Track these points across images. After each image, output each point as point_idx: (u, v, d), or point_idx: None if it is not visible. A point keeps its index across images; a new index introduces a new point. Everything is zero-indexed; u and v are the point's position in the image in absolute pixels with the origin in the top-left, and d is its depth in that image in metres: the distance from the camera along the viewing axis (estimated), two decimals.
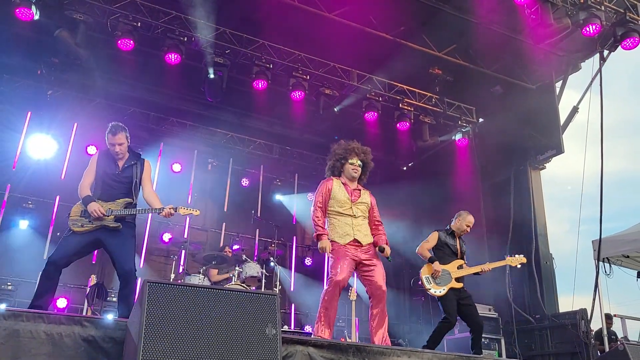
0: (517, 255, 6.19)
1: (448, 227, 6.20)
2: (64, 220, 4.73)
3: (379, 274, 4.73)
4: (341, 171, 5.04)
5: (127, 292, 4.49)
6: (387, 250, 4.85)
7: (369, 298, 4.77)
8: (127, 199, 4.72)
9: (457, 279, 5.84)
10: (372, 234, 4.97)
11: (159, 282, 2.89)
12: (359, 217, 4.88)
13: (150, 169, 4.98)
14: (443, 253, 5.97)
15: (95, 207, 4.51)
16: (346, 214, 4.84)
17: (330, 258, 4.80)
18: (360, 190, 5.02)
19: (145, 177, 4.88)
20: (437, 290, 5.76)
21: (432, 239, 6.05)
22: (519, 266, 6.27)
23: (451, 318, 5.72)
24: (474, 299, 6.06)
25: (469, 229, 6.11)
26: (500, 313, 8.88)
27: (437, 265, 5.81)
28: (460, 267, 5.94)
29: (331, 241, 4.81)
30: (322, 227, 4.84)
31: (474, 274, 5.98)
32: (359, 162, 5.01)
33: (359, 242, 4.78)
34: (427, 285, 5.81)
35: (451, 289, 5.78)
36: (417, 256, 6.16)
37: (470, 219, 6.14)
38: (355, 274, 4.92)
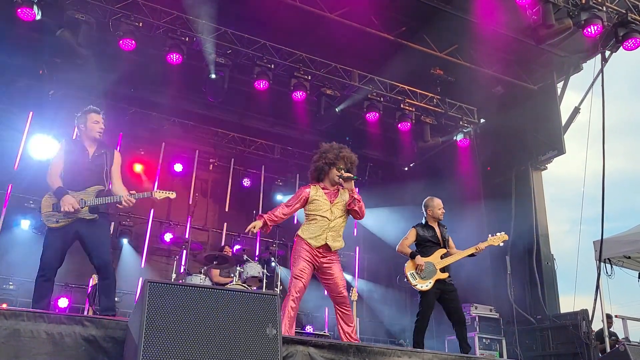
0: (498, 234, 6.07)
1: (423, 219, 6.11)
2: None
3: (339, 279, 4.71)
4: (326, 175, 4.93)
5: (108, 283, 4.41)
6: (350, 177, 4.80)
7: (333, 302, 4.76)
8: (98, 186, 4.57)
9: (442, 269, 5.77)
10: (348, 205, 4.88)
11: (159, 282, 2.89)
12: (337, 219, 4.80)
13: (119, 161, 4.83)
14: (425, 246, 5.90)
15: (70, 202, 4.35)
16: (324, 216, 4.77)
17: (293, 253, 4.80)
18: (338, 189, 4.93)
19: (115, 168, 4.74)
20: (423, 285, 5.70)
21: (411, 235, 5.99)
22: (501, 244, 6.14)
23: (426, 312, 5.67)
24: (475, 299, 6.03)
25: (442, 211, 6.01)
26: (501, 313, 8.88)
27: (419, 259, 5.74)
28: (443, 255, 5.86)
29: (300, 236, 4.78)
30: (268, 214, 4.80)
31: (470, 255, 5.88)
32: (345, 169, 4.90)
33: (328, 247, 4.72)
34: (413, 282, 5.74)
35: (437, 281, 5.72)
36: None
37: (437, 202, 6.04)
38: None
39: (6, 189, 9.57)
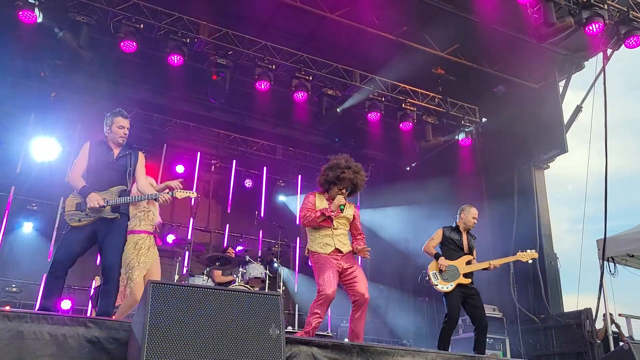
0: (528, 251, 6.09)
1: (454, 223, 6.16)
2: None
3: (362, 282, 4.72)
4: (328, 190, 5.00)
5: (110, 287, 4.40)
6: (364, 249, 4.87)
7: (352, 304, 4.75)
8: (121, 186, 4.60)
9: (465, 275, 5.80)
10: (352, 244, 4.97)
11: (162, 283, 2.90)
12: (339, 229, 4.88)
13: (143, 161, 4.89)
14: (449, 249, 5.92)
15: (96, 198, 4.37)
16: (326, 226, 4.85)
17: (315, 268, 4.78)
18: (344, 208, 4.92)
19: (140, 168, 4.80)
20: (445, 287, 5.73)
21: (437, 235, 6.03)
22: (530, 261, 6.20)
23: (453, 314, 5.68)
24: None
25: (475, 221, 6.05)
26: (504, 313, 8.86)
27: (442, 260, 5.79)
28: (469, 262, 5.89)
29: (313, 252, 4.83)
30: (317, 211, 4.82)
31: (483, 269, 5.93)
32: (347, 189, 4.93)
33: (340, 251, 4.79)
34: (435, 281, 5.77)
35: (459, 285, 5.75)
36: (421, 256, 6.16)
37: (474, 211, 6.08)
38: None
39: (9, 191, 9.58)
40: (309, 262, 4.98)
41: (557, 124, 9.60)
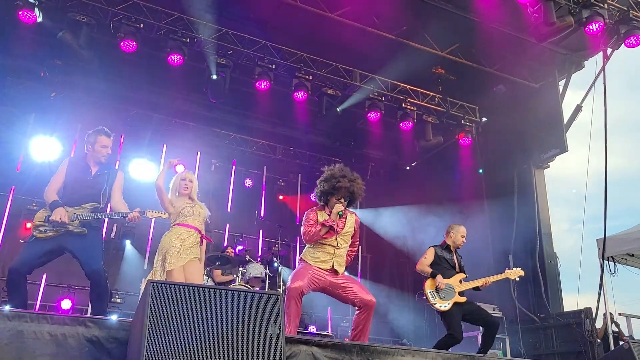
0: (514, 269, 6.16)
1: (443, 242, 6.16)
2: None
3: (363, 289, 4.68)
4: (327, 202, 4.86)
5: (100, 291, 4.42)
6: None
7: (358, 308, 4.68)
8: (94, 203, 4.62)
9: (460, 293, 5.81)
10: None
11: (162, 283, 2.90)
12: (342, 249, 4.79)
13: (122, 180, 4.89)
14: (442, 267, 5.91)
15: (61, 214, 4.41)
16: (329, 244, 4.73)
17: (294, 272, 4.71)
18: (346, 216, 4.83)
19: (117, 186, 4.80)
20: (442, 305, 5.71)
21: (429, 254, 6.01)
22: (517, 279, 6.24)
23: (456, 334, 5.63)
24: (478, 299, 6.03)
25: (464, 240, 6.05)
26: (504, 312, 8.87)
27: (440, 278, 5.75)
28: (461, 281, 5.91)
29: (305, 261, 4.71)
30: (318, 225, 4.69)
31: (474, 288, 5.94)
32: (345, 199, 4.80)
33: (335, 271, 4.69)
34: (432, 300, 5.75)
35: (455, 303, 5.74)
36: (420, 254, 6.14)
37: (462, 230, 6.08)
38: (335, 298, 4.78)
39: (9, 191, 9.58)
40: None
41: (557, 123, 9.60)
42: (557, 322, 8.74)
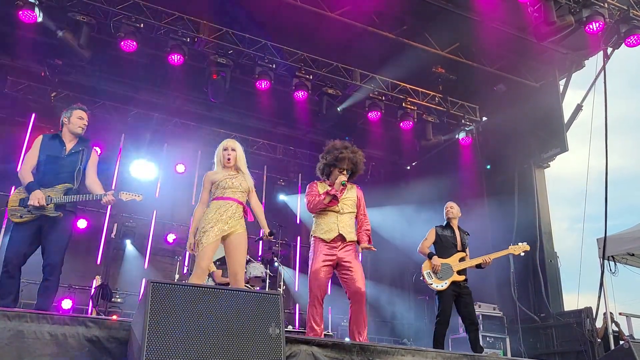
0: (520, 244, 6.21)
1: (444, 222, 6.28)
2: None
3: (358, 276, 4.68)
4: (329, 175, 5.02)
5: (50, 284, 4.33)
6: (370, 247, 4.84)
7: (349, 299, 4.73)
8: (67, 184, 4.53)
9: (459, 272, 5.88)
10: (357, 232, 4.94)
11: (163, 283, 2.89)
12: (345, 214, 4.86)
13: (96, 159, 4.81)
14: (443, 246, 6.02)
15: (38, 197, 4.33)
16: (331, 211, 4.84)
17: (310, 257, 4.85)
18: (346, 186, 4.97)
19: (91, 165, 4.72)
20: (439, 285, 5.81)
21: (430, 235, 6.13)
22: (522, 254, 6.26)
23: (445, 314, 5.74)
24: (479, 298, 6.07)
25: (450, 212, 6.20)
26: (505, 312, 8.87)
27: (435, 259, 5.88)
28: (462, 259, 5.96)
29: (314, 237, 4.85)
30: (322, 194, 4.83)
31: (476, 266, 5.96)
32: (347, 171, 4.94)
33: (343, 237, 4.74)
34: (429, 280, 5.87)
35: (453, 282, 5.82)
36: (421, 255, 6.18)
37: (447, 204, 6.29)
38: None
39: (9, 191, 9.58)
40: (309, 261, 4.96)
41: (558, 122, 9.60)
42: (558, 321, 8.74)
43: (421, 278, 5.98)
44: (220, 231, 4.39)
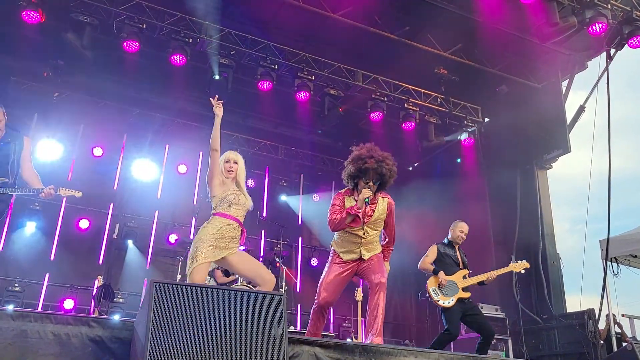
0: (519, 261, 6.23)
1: (446, 239, 6.21)
2: (71, 222, 4.66)
3: (378, 267, 4.49)
4: (355, 187, 4.55)
5: None
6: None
7: (369, 290, 4.53)
8: (2, 178, 4.42)
9: (464, 289, 5.85)
10: (382, 247, 4.70)
11: (165, 283, 2.89)
12: (370, 237, 4.51)
13: (30, 147, 4.67)
14: (445, 264, 5.96)
15: None
16: (356, 234, 4.50)
17: (327, 265, 4.65)
18: (377, 201, 4.51)
19: (25, 155, 4.57)
20: (446, 302, 5.75)
21: (432, 252, 6.06)
22: (522, 271, 6.27)
23: (453, 330, 5.69)
24: (480, 298, 6.05)
25: (462, 235, 6.08)
26: (507, 313, 8.84)
27: (442, 275, 5.80)
28: (465, 277, 5.94)
29: (333, 249, 4.67)
30: (344, 212, 4.38)
31: (479, 283, 5.96)
32: (374, 182, 4.46)
33: (362, 258, 4.52)
34: (435, 297, 5.80)
35: (459, 299, 5.78)
36: (423, 254, 6.16)
37: (461, 226, 6.12)
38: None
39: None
40: (311, 262, 4.94)
41: (560, 123, 9.59)
42: (560, 323, 8.72)
43: (427, 295, 5.92)
44: (216, 255, 4.32)
